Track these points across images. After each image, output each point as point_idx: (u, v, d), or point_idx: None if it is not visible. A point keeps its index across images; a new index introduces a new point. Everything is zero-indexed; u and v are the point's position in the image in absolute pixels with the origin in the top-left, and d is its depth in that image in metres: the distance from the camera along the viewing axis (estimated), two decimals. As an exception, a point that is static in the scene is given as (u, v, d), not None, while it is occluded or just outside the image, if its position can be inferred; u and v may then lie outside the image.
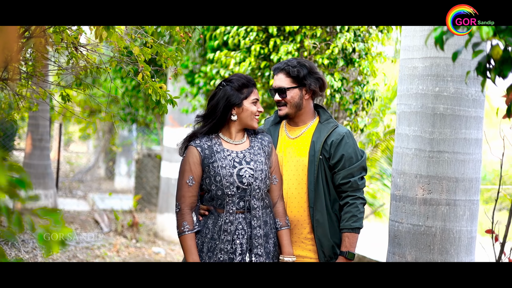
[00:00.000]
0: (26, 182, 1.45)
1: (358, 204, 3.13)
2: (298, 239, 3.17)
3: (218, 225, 2.98)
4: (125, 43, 3.24)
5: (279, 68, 3.23)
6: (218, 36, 5.47)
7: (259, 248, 2.98)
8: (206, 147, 3.03)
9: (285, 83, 3.19)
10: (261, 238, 2.99)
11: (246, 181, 2.98)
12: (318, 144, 3.15)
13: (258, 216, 3.00)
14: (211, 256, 2.96)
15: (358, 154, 3.17)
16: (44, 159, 9.23)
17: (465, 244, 3.33)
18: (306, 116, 3.26)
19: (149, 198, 11.47)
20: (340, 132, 3.17)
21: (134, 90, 9.64)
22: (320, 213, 3.12)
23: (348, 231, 3.12)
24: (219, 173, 2.97)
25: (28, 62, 3.66)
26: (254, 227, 2.98)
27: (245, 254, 2.97)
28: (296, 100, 3.19)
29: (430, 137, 3.33)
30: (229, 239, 2.96)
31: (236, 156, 3.03)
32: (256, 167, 3.02)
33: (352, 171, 3.13)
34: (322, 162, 3.14)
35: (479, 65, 2.19)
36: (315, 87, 3.18)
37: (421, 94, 3.36)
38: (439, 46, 2.16)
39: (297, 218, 3.17)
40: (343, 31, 4.64)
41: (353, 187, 3.13)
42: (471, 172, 3.35)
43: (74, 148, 24.00)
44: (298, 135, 3.24)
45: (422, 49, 3.36)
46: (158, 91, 3.18)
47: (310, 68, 3.20)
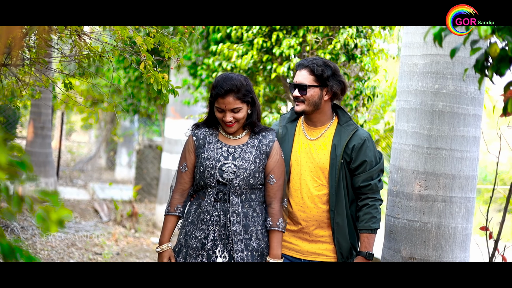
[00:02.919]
0: (27, 164, 1.47)
1: (377, 206, 3.16)
2: (315, 238, 3.18)
3: (197, 212, 3.05)
4: (129, 32, 3.26)
5: (304, 64, 3.19)
6: (222, 29, 5.50)
7: (239, 244, 2.98)
8: (201, 137, 3.08)
9: (307, 80, 3.16)
10: (240, 234, 2.99)
11: (227, 177, 2.99)
12: (339, 148, 3.14)
13: (238, 212, 3.00)
14: (188, 239, 3.04)
15: (377, 157, 3.19)
16: (45, 147, 9.25)
17: (460, 240, 3.36)
18: (323, 117, 3.24)
19: (149, 189, 11.51)
20: (361, 136, 3.17)
21: (136, 80, 9.66)
22: (341, 216, 3.13)
23: (367, 231, 3.14)
24: (203, 163, 3.03)
25: (32, 49, 3.69)
26: (233, 222, 2.98)
27: (218, 241, 2.99)
28: (315, 99, 3.16)
29: (428, 134, 3.35)
30: (204, 228, 3.00)
31: (227, 150, 3.04)
32: (241, 164, 3.01)
33: (372, 174, 3.15)
34: (343, 165, 3.14)
35: (477, 63, 2.21)
36: (336, 89, 3.16)
37: (420, 91, 3.38)
38: (438, 42, 2.18)
39: (315, 218, 3.17)
40: (345, 27, 4.66)
41: (373, 189, 3.15)
42: (468, 169, 3.37)
43: (76, 138, 24.05)
44: (318, 137, 3.22)
45: (423, 46, 3.38)
46: (160, 80, 3.20)
47: (335, 70, 3.18)
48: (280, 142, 3.23)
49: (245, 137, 3.10)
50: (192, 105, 8.15)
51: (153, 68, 3.22)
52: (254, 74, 5.32)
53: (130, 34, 3.26)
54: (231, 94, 2.96)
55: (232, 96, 2.96)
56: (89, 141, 21.95)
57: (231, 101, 2.96)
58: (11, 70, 3.67)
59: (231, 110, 2.97)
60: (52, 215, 1.25)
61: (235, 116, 2.98)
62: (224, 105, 2.96)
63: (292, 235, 3.21)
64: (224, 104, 2.96)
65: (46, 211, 1.26)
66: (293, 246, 3.21)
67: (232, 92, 2.96)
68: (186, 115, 8.20)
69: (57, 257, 6.18)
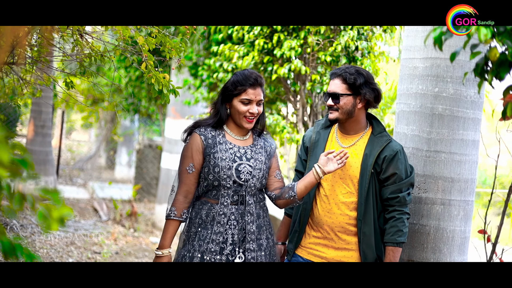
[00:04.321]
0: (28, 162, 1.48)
1: (404, 219, 3.12)
2: (341, 245, 3.16)
3: (211, 216, 2.99)
4: (130, 32, 3.27)
5: (336, 73, 3.18)
6: (223, 29, 5.51)
7: (251, 243, 2.99)
8: (210, 137, 3.05)
9: (339, 89, 3.14)
10: (253, 233, 3.00)
11: (244, 177, 3.00)
12: (371, 158, 3.12)
13: (252, 211, 3.01)
14: (202, 244, 2.97)
15: (408, 171, 3.16)
16: (45, 145, 9.26)
17: (458, 243, 3.37)
18: (357, 125, 3.21)
19: (148, 189, 11.52)
20: (394, 148, 3.15)
21: (137, 80, 9.68)
22: (368, 226, 3.11)
23: (393, 245, 3.11)
24: (218, 164, 2.99)
25: (34, 48, 3.69)
26: (248, 222, 2.99)
27: (236, 245, 2.98)
28: (348, 108, 3.14)
29: (427, 137, 3.36)
30: (221, 231, 2.97)
31: (238, 151, 3.05)
32: (256, 165, 3.04)
33: (401, 186, 3.12)
34: (373, 176, 3.13)
35: (477, 67, 2.23)
36: (370, 97, 3.13)
37: (420, 94, 3.39)
38: (438, 46, 2.19)
39: (341, 225, 3.14)
40: (346, 29, 4.67)
41: (401, 202, 3.12)
42: (467, 173, 3.38)
43: (76, 136, 24.06)
44: (350, 145, 3.20)
45: (423, 49, 3.39)
46: (161, 80, 3.21)
47: (368, 78, 3.15)
48: (313, 147, 3.25)
49: (250, 138, 3.13)
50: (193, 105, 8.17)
51: (154, 68, 3.23)
52: (255, 75, 5.32)
53: (131, 34, 3.27)
54: (261, 85, 3.03)
55: (261, 87, 3.03)
56: (89, 140, 21.96)
57: (260, 92, 3.02)
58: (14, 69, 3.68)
59: (256, 102, 3.02)
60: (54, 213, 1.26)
61: (258, 109, 3.03)
62: (254, 95, 2.99)
63: (318, 242, 3.19)
64: (254, 95, 2.99)
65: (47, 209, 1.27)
66: (319, 253, 3.19)
67: (261, 83, 3.04)
68: (187, 115, 8.21)
69: (56, 256, 6.19)
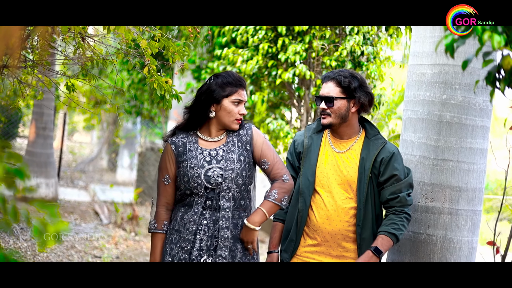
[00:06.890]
0: (24, 172, 1.42)
1: (403, 217, 3.06)
2: (339, 253, 3.09)
3: (183, 221, 2.93)
4: (133, 35, 3.21)
5: (330, 76, 3.13)
6: (227, 33, 5.45)
7: (223, 250, 2.89)
8: (180, 144, 2.99)
9: (333, 92, 3.09)
10: (227, 240, 2.90)
11: (214, 181, 2.91)
12: (368, 162, 3.08)
13: (227, 217, 2.91)
14: (173, 248, 2.93)
15: (405, 172, 3.12)
16: (47, 147, 9.22)
17: (465, 254, 3.31)
18: (351, 130, 3.16)
19: (150, 192, 11.46)
20: (390, 149, 3.11)
21: (140, 83, 9.63)
22: (367, 231, 3.06)
23: (384, 233, 3.03)
24: (187, 173, 2.93)
25: (35, 50, 3.64)
26: (222, 227, 2.90)
27: (204, 252, 2.89)
28: (342, 112, 3.09)
29: (435, 145, 3.30)
30: (189, 238, 2.90)
31: (208, 154, 2.96)
32: (226, 166, 2.93)
33: (400, 187, 3.07)
34: (371, 180, 3.08)
35: (489, 75, 2.16)
36: (364, 100, 3.08)
37: (428, 101, 3.33)
38: (450, 53, 2.13)
39: (341, 232, 3.08)
40: (352, 34, 4.61)
41: (401, 202, 3.07)
42: (475, 182, 3.32)
43: (78, 138, 24.04)
44: (345, 150, 3.15)
45: (431, 55, 3.33)
46: (164, 85, 3.15)
47: (362, 81, 3.11)
48: (306, 152, 3.17)
49: (224, 137, 3.03)
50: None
51: (156, 72, 3.18)
52: (259, 80, 5.28)
53: (134, 37, 3.22)
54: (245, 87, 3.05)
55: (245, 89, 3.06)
56: (91, 142, 21.93)
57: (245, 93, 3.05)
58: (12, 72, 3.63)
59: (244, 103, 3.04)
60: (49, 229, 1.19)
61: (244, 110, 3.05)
62: (244, 96, 3.00)
63: (315, 250, 3.12)
64: (244, 96, 3.00)
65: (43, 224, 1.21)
66: (315, 262, 3.10)
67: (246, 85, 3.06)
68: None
69: (56, 260, 6.12)
